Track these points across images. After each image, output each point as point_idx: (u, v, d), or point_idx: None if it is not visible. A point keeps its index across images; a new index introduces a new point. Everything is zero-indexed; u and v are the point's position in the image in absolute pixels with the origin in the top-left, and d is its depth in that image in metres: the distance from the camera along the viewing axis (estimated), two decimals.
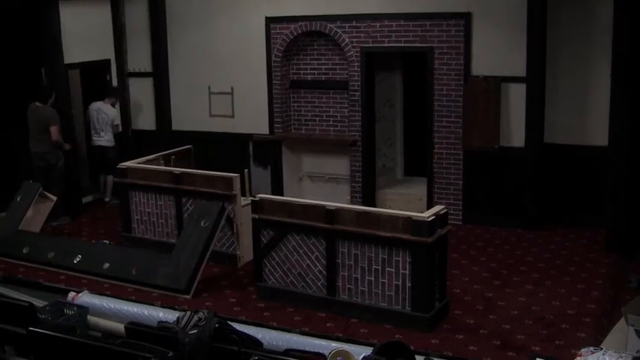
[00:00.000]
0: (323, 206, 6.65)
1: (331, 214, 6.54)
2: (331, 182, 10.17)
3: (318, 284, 6.76)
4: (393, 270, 6.34)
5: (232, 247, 8.00)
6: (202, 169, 8.51)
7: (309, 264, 6.78)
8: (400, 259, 6.28)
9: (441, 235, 6.36)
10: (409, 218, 6.18)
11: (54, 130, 9.25)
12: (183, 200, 8.24)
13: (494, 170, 8.98)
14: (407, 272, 6.27)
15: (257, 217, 6.98)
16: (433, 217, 6.21)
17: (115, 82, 10.86)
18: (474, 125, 8.91)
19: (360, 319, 6.48)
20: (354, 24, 9.40)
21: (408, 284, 6.29)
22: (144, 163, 8.75)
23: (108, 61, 10.76)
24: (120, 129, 10.69)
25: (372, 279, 6.47)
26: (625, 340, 4.47)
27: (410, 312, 6.31)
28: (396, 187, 10.27)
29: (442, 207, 6.56)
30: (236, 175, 7.96)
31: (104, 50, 10.68)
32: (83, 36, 10.17)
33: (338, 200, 8.03)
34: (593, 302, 6.71)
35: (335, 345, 4.82)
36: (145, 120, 11.01)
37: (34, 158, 9.43)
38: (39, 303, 5.26)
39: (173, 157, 9.14)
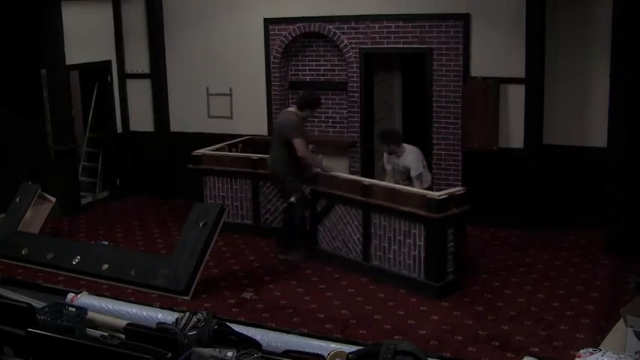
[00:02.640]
0: (360, 181, 7.61)
1: (366, 189, 7.39)
2: None
3: (357, 250, 7.64)
4: (411, 241, 7.09)
5: None
6: None
7: (350, 232, 7.70)
8: (417, 231, 7.02)
9: (455, 214, 6.95)
10: (424, 196, 6.96)
11: (297, 144, 7.47)
12: (260, 184, 8.83)
13: (494, 171, 8.98)
14: (421, 244, 7.01)
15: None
16: (445, 196, 6.88)
17: (115, 84, 10.84)
18: (473, 126, 8.92)
19: (384, 284, 7.25)
20: (352, 25, 9.40)
21: (423, 255, 7.02)
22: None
23: (109, 62, 10.75)
24: None
25: (396, 248, 7.24)
26: (624, 342, 4.46)
27: (423, 280, 7.04)
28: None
29: (460, 188, 7.24)
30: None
31: (105, 51, 10.67)
32: (83, 37, 10.15)
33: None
34: (592, 303, 6.72)
35: (334, 346, 4.82)
36: (143, 122, 10.99)
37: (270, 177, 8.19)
38: (38, 304, 5.23)
39: (240, 145, 9.70)
